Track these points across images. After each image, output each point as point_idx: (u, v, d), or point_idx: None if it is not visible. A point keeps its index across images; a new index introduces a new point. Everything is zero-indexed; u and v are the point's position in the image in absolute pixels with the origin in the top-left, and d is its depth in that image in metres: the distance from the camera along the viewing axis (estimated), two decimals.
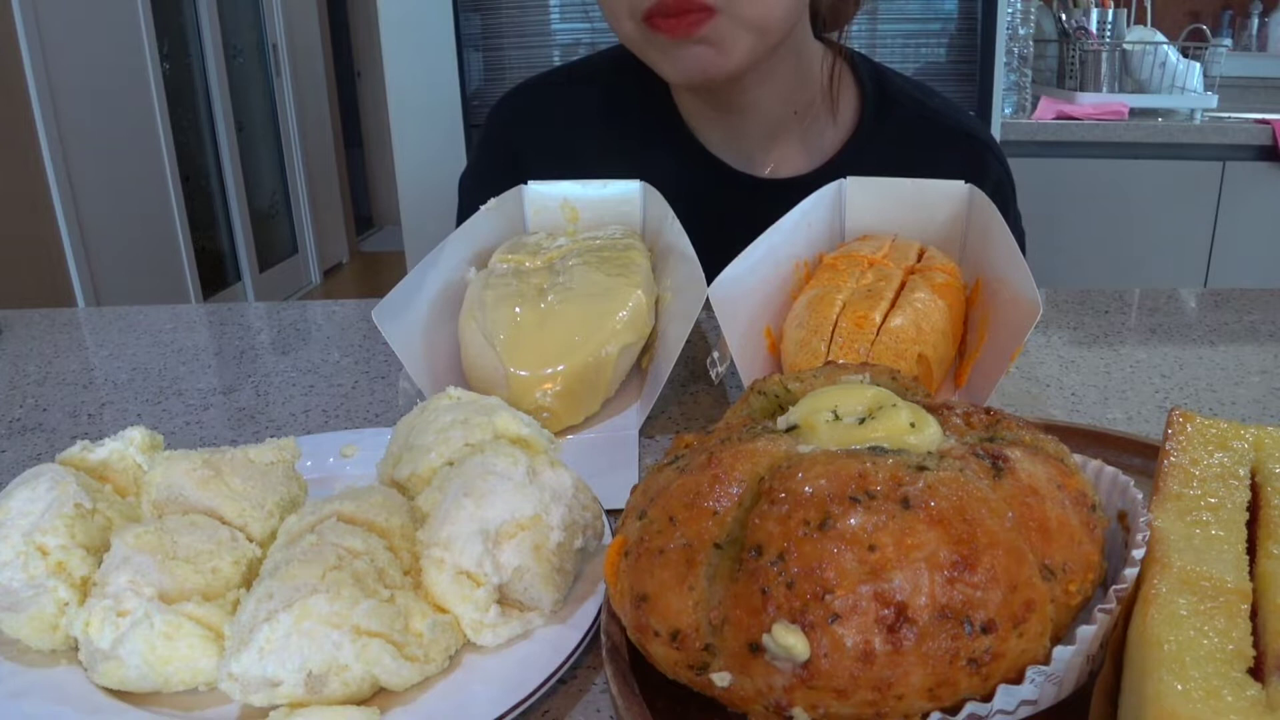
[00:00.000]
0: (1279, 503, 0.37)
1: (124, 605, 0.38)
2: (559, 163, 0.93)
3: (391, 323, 0.62)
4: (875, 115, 0.93)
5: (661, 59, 0.80)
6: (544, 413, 0.61)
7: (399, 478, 0.48)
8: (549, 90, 1.00)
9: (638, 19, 0.76)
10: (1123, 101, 2.49)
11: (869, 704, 0.31)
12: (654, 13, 0.74)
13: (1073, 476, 0.35)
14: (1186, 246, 2.49)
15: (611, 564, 0.36)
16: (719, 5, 0.74)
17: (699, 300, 0.62)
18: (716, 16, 0.74)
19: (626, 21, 0.78)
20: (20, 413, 0.71)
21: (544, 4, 2.18)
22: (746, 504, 0.34)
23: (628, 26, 0.78)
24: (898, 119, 0.93)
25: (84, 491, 0.42)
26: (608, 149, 0.94)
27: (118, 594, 0.38)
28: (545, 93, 1.00)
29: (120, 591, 0.38)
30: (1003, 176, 0.95)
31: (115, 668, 0.37)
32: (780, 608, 0.30)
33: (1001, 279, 0.65)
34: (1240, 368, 0.75)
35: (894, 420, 0.36)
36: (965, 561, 0.30)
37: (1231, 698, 0.28)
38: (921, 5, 2.33)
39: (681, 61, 0.78)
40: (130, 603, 0.38)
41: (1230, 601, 0.32)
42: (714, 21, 0.74)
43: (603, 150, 0.94)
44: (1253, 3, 2.92)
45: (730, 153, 0.93)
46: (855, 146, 0.92)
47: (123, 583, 0.38)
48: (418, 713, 0.36)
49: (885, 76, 0.96)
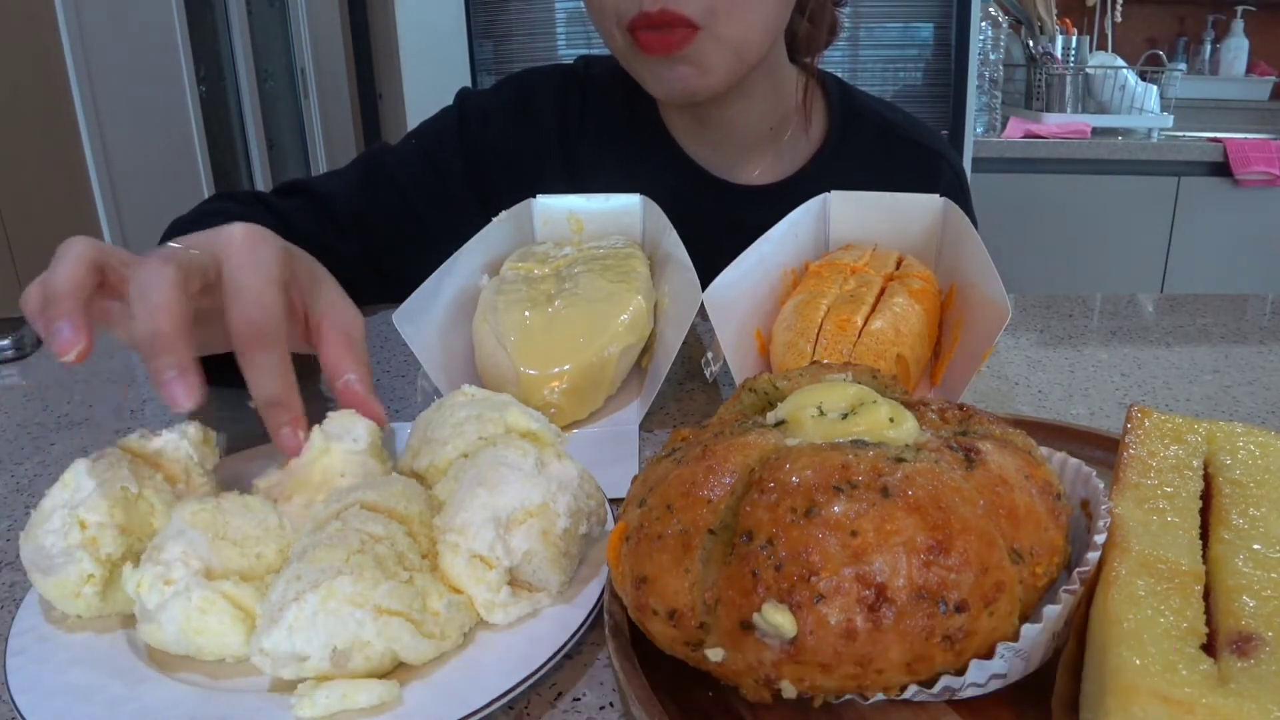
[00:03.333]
0: (1230, 492, 0.37)
1: (171, 574, 0.38)
2: (559, 157, 0.93)
3: (410, 325, 0.62)
4: (842, 128, 0.94)
5: (648, 76, 0.80)
6: (551, 409, 0.61)
7: (418, 469, 0.48)
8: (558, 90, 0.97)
9: (624, 29, 0.76)
10: (1085, 121, 2.49)
11: (851, 678, 0.31)
12: (638, 24, 0.74)
13: (1039, 467, 0.35)
14: (1144, 255, 2.49)
15: (613, 548, 0.36)
16: (701, 22, 0.73)
17: (694, 305, 0.62)
18: (698, 34, 0.74)
19: (616, 33, 0.77)
20: (68, 408, 0.71)
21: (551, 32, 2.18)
22: (738, 493, 0.33)
23: (618, 38, 0.78)
24: (862, 131, 0.95)
25: (133, 477, 0.43)
26: (601, 157, 0.94)
27: (169, 562, 0.38)
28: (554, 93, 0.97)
29: (171, 560, 0.38)
30: (956, 183, 0.96)
31: (155, 629, 0.38)
32: (769, 589, 0.30)
33: (974, 285, 0.65)
34: (1194, 367, 0.75)
35: (874, 416, 0.36)
36: (940, 546, 0.30)
37: (1186, 671, 0.28)
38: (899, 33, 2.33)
39: (666, 81, 0.78)
40: (177, 572, 0.38)
41: (1185, 583, 0.32)
42: (696, 40, 0.74)
43: (597, 158, 0.94)
44: (1205, 30, 2.92)
45: (712, 162, 0.94)
46: (824, 156, 0.94)
47: (175, 553, 0.39)
48: (435, 685, 0.36)
49: (852, 94, 0.97)
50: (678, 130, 0.94)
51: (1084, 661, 0.32)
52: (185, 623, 0.37)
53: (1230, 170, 2.37)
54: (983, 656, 0.32)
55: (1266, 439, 0.40)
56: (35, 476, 0.60)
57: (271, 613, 0.36)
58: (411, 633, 0.36)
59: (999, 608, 0.31)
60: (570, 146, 0.95)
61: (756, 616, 0.31)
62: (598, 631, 0.41)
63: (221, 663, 0.38)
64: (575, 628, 0.39)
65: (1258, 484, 0.37)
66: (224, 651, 0.38)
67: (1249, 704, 0.27)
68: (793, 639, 0.30)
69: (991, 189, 2.33)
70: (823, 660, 0.30)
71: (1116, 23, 2.68)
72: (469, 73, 2.22)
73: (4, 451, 0.64)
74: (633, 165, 0.93)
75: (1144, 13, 2.88)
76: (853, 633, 0.30)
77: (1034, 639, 0.32)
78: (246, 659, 0.38)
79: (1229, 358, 0.77)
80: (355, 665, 0.36)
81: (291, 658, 0.35)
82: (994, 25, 2.44)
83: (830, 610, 0.30)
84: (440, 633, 0.38)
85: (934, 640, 0.30)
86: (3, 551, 0.51)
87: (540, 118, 0.96)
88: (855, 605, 0.30)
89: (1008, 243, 2.33)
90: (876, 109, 0.97)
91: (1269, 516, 0.35)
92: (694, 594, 0.32)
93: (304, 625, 0.35)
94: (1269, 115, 2.89)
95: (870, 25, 2.29)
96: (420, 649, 0.37)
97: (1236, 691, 0.27)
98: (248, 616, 0.38)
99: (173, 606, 0.37)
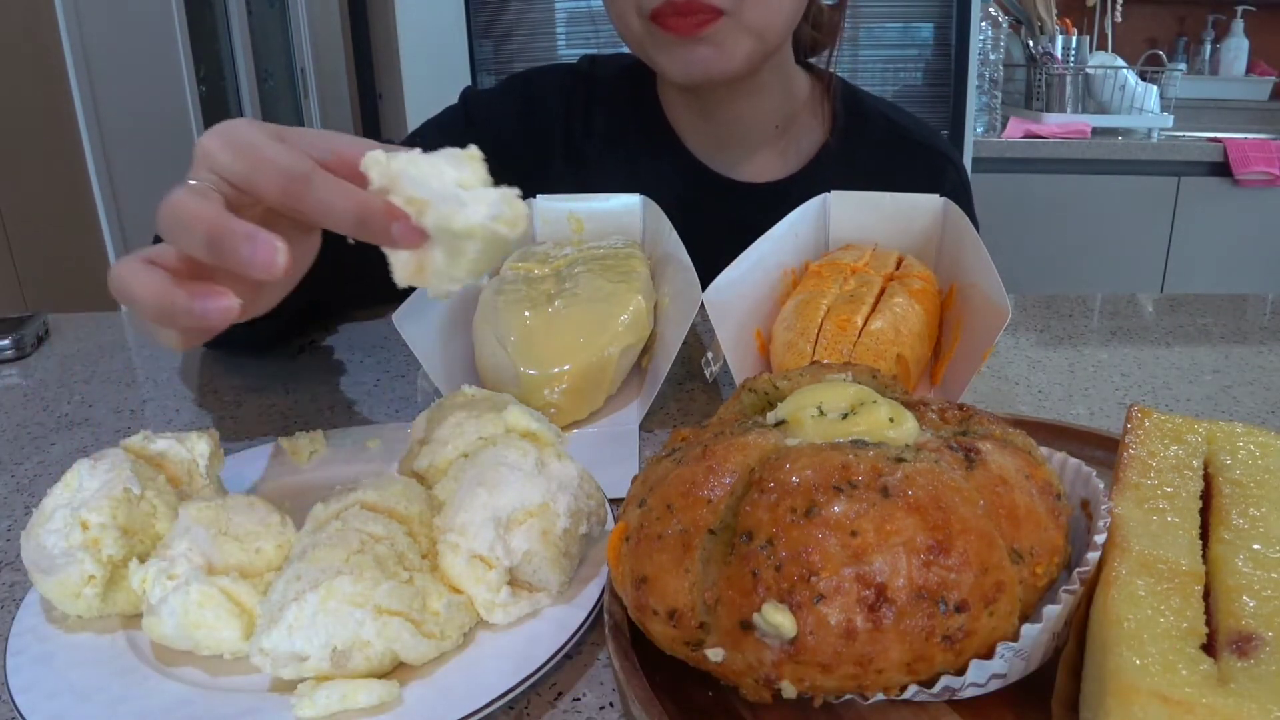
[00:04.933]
0: (1229, 492, 0.37)
1: (175, 569, 0.38)
2: (564, 155, 0.93)
3: (410, 326, 0.62)
4: (846, 128, 0.94)
5: (666, 59, 0.79)
6: (551, 409, 0.61)
7: (418, 469, 0.48)
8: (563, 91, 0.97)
9: (645, 17, 0.75)
10: (1085, 121, 2.49)
11: (851, 678, 0.31)
12: (662, 12, 0.74)
13: (1039, 467, 0.35)
14: (1144, 255, 2.49)
15: (614, 548, 0.36)
16: (727, 8, 0.73)
17: (694, 305, 0.62)
18: (723, 18, 0.74)
19: (634, 19, 0.77)
20: (69, 409, 0.71)
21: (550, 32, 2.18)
22: (738, 493, 0.33)
23: (635, 24, 0.78)
24: (867, 132, 0.95)
25: (136, 478, 0.43)
26: (606, 156, 0.94)
27: (173, 558, 0.39)
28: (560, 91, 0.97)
29: (176, 556, 0.39)
30: (959, 183, 0.96)
31: (157, 623, 0.38)
32: (769, 589, 0.30)
33: (974, 285, 0.65)
34: (1194, 367, 0.75)
35: (874, 416, 0.36)
36: (940, 546, 0.30)
37: (1186, 671, 0.28)
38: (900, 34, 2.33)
39: (685, 61, 0.78)
40: (180, 568, 0.38)
41: (1185, 583, 0.32)
42: (719, 23, 0.74)
43: (602, 157, 0.94)
44: (1205, 30, 2.92)
45: (717, 160, 0.94)
46: (829, 156, 0.94)
47: (181, 549, 0.39)
48: (435, 685, 0.36)
49: (857, 95, 0.98)
50: (683, 128, 0.94)
51: (1084, 661, 0.32)
52: (184, 617, 0.37)
53: (1230, 170, 2.37)
54: (983, 656, 0.32)
55: (1266, 439, 0.40)
56: (35, 476, 0.60)
57: (271, 612, 0.36)
58: (411, 633, 0.36)
59: (999, 608, 0.31)
60: (575, 144, 0.96)
61: (756, 616, 0.31)
62: (598, 631, 0.41)
63: (222, 662, 0.38)
64: (575, 628, 0.39)
65: (1258, 484, 0.37)
66: (221, 647, 0.38)
67: (1249, 704, 0.27)
68: (793, 639, 0.30)
69: (991, 189, 2.33)
70: (823, 660, 0.30)
71: (1116, 23, 2.68)
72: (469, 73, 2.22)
73: (4, 451, 0.64)
74: (638, 163, 0.93)
75: (1144, 13, 2.88)
76: (853, 633, 0.30)
77: (1034, 639, 0.32)
78: (244, 655, 0.38)
79: (1229, 358, 0.77)
80: (355, 665, 0.36)
81: (291, 657, 0.35)
82: (994, 25, 2.44)
83: (830, 610, 0.30)
84: (440, 633, 0.38)
85: (934, 640, 0.30)
86: (3, 551, 0.51)
87: (545, 116, 0.96)
88: (855, 605, 0.30)
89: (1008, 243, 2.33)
90: (882, 110, 0.97)
91: (1269, 516, 0.35)
92: (694, 594, 0.32)
93: (304, 625, 0.35)
94: (1269, 115, 2.89)
95: (870, 25, 2.29)
96: (420, 649, 0.37)
97: (1236, 691, 0.27)
98: (244, 613, 0.38)
99: (172, 601, 0.37)
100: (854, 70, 2.32)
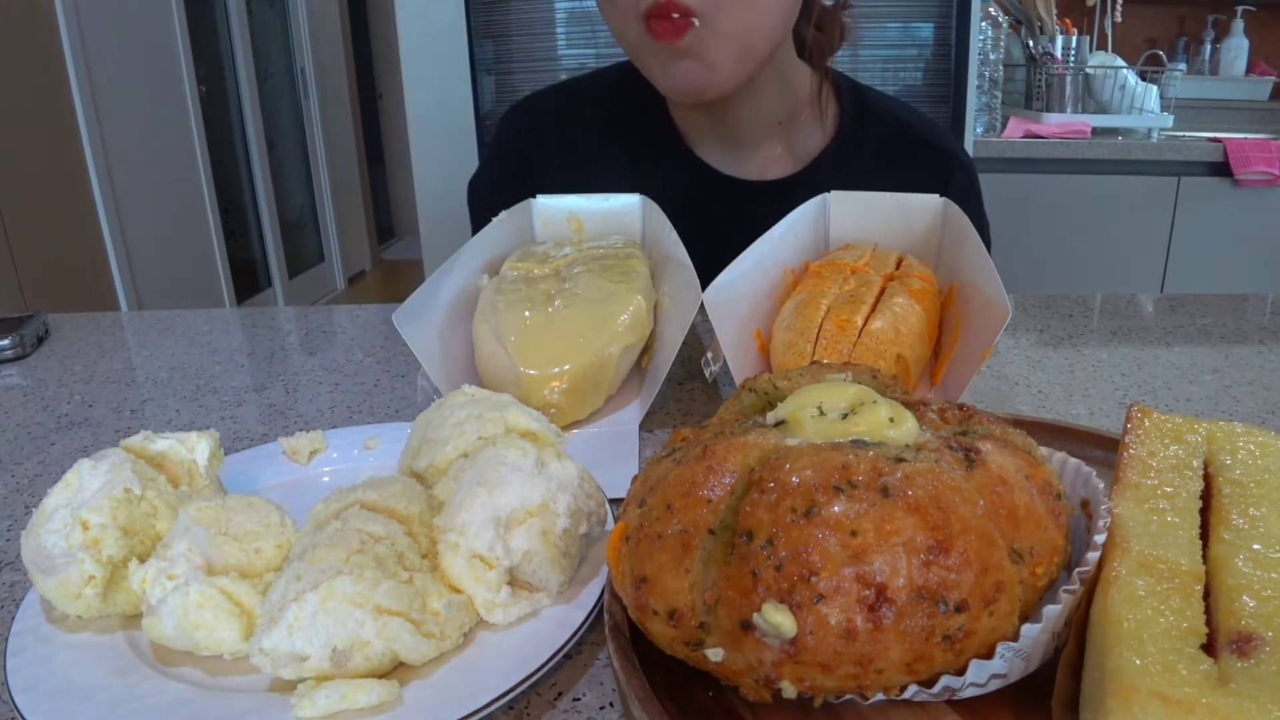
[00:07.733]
0: (1229, 492, 0.37)
1: (174, 569, 0.38)
2: (564, 170, 0.93)
3: (410, 326, 0.62)
4: (854, 126, 0.94)
5: (658, 71, 0.79)
6: (551, 409, 0.61)
7: (418, 468, 0.48)
8: (555, 101, 1.00)
9: (640, 20, 0.76)
10: (1085, 121, 2.49)
11: (851, 677, 0.31)
12: (650, 14, 0.74)
13: (1039, 467, 0.35)
14: (1144, 255, 2.49)
15: (614, 548, 0.36)
16: (700, 10, 0.73)
17: (694, 305, 0.62)
18: (697, 24, 0.74)
19: (632, 24, 0.77)
20: (69, 408, 0.71)
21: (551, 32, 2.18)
22: (738, 493, 0.33)
23: (632, 30, 0.77)
24: (874, 130, 0.94)
25: (136, 478, 0.43)
26: (608, 157, 0.95)
27: (173, 558, 0.39)
28: (552, 104, 1.00)
29: (176, 556, 0.39)
30: (968, 183, 0.95)
31: (156, 623, 0.38)
32: (769, 589, 0.30)
33: (973, 285, 0.65)
34: (1194, 367, 0.75)
35: (874, 416, 0.36)
36: (940, 546, 0.30)
37: (1186, 671, 0.28)
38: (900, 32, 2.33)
39: (673, 76, 0.78)
40: (180, 568, 0.38)
41: (1185, 583, 0.32)
42: (694, 31, 0.74)
43: (603, 159, 0.95)
44: (1205, 30, 2.92)
45: (720, 159, 0.94)
46: (834, 153, 0.93)
47: (181, 549, 0.39)
48: (435, 685, 0.36)
49: (864, 94, 0.97)
50: (686, 126, 0.94)
51: (1084, 661, 0.32)
52: (183, 617, 0.37)
53: (1230, 170, 2.36)
54: (983, 656, 0.32)
55: (1266, 439, 0.40)
56: (35, 476, 0.60)
57: (271, 613, 0.36)
58: (411, 632, 0.36)
59: (999, 608, 0.31)
60: (576, 142, 0.96)
61: (756, 616, 0.31)
62: (598, 631, 0.41)
63: (222, 662, 0.38)
64: (575, 628, 0.39)
65: (1258, 484, 0.37)
66: (220, 647, 0.38)
67: (1249, 704, 0.27)
68: (793, 639, 0.30)
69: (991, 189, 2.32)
70: (823, 660, 0.30)
71: (1116, 23, 2.67)
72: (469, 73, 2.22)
73: (4, 451, 0.64)
74: (640, 162, 0.93)
75: (1144, 13, 2.88)
76: (853, 633, 0.30)
77: (1034, 639, 0.32)
78: (243, 655, 0.38)
79: (1229, 358, 0.77)
80: (355, 665, 0.36)
81: (291, 657, 0.35)
82: (994, 25, 2.44)
83: (830, 610, 0.30)
84: (440, 633, 0.38)
85: (934, 640, 0.30)
86: (3, 551, 0.51)
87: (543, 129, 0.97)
88: (855, 605, 0.30)
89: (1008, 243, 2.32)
90: (889, 108, 0.97)
91: (1269, 516, 0.35)
92: (694, 594, 0.32)
93: (304, 625, 0.35)
94: (1269, 115, 2.89)
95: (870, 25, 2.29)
96: (420, 649, 0.37)
97: (1236, 691, 0.27)
98: (244, 613, 0.38)
99: (171, 601, 0.37)
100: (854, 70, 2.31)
